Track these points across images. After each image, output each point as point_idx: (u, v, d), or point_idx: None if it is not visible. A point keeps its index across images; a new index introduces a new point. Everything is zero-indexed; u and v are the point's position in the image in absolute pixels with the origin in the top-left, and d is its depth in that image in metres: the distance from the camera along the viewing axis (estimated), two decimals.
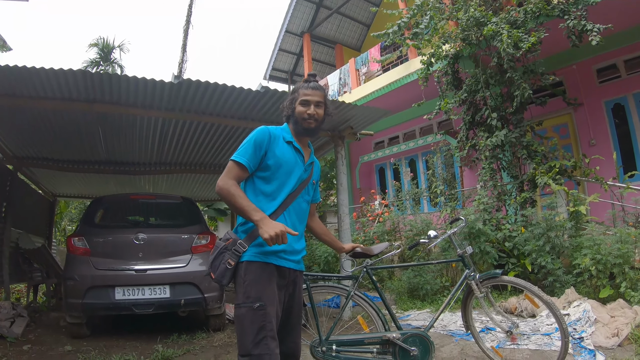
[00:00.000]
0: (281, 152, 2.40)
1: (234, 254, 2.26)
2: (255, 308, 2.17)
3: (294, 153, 2.47)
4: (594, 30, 6.42)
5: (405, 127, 13.34)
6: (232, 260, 2.25)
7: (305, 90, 2.49)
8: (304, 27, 16.12)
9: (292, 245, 2.39)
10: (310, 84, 2.53)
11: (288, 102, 2.54)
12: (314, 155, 2.66)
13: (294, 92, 2.55)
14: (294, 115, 2.50)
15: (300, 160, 2.49)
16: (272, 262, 2.30)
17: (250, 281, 2.23)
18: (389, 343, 3.29)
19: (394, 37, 8.61)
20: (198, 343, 5.37)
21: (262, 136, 2.38)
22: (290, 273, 2.43)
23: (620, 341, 4.20)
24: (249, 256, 2.28)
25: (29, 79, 4.63)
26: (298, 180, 2.45)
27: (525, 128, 7.59)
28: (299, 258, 2.50)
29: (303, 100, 2.46)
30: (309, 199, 2.62)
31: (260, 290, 2.22)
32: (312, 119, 2.46)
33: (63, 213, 16.79)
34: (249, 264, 2.27)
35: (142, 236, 5.63)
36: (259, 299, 2.19)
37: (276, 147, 2.40)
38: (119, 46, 24.94)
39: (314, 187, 2.66)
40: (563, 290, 5.65)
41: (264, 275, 2.26)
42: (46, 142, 7.09)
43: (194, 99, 5.32)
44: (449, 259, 4.43)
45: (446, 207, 8.73)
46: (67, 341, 5.48)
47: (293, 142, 2.48)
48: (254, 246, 2.29)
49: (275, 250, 2.30)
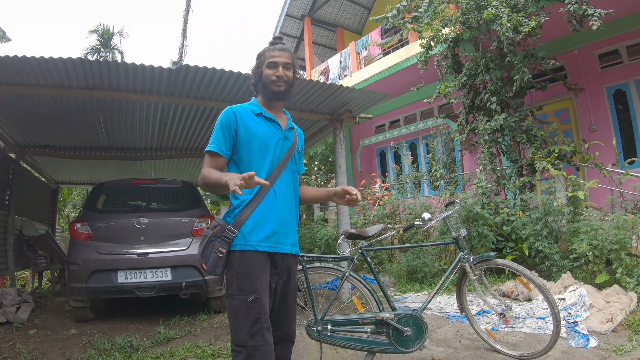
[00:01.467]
0: (252, 127, 2.31)
1: (223, 241, 2.17)
2: (250, 301, 2.11)
3: (267, 123, 2.36)
4: (594, 15, 6.38)
5: (406, 111, 13.34)
6: (223, 248, 2.17)
7: (272, 52, 2.37)
8: (305, 10, 16.02)
9: (284, 226, 2.31)
10: (277, 45, 2.41)
11: (255, 67, 2.43)
12: (292, 121, 2.54)
13: (260, 56, 2.41)
14: (261, 80, 2.38)
15: (277, 128, 2.38)
16: (265, 249, 2.21)
17: (244, 273, 2.16)
18: (383, 323, 3.35)
19: (393, 20, 8.57)
20: (199, 324, 5.47)
21: (227, 117, 2.30)
22: (284, 260, 2.33)
23: (614, 327, 4.22)
24: (240, 245, 2.19)
25: (29, 69, 4.66)
26: (279, 149, 2.35)
27: (525, 112, 7.58)
28: (294, 240, 2.40)
29: (270, 63, 2.34)
30: (296, 168, 2.49)
31: (254, 282, 2.15)
32: (281, 81, 2.34)
33: (66, 200, 16.87)
34: (241, 254, 2.18)
35: (144, 220, 5.72)
36: (253, 291, 2.13)
37: (245, 123, 2.30)
38: (118, 32, 25.00)
39: (299, 155, 2.54)
40: (560, 274, 5.69)
41: (258, 265, 2.19)
42: (48, 129, 7.14)
43: (193, 84, 5.34)
44: (444, 242, 4.47)
45: (446, 191, 8.77)
46: (71, 325, 5.58)
47: (263, 112, 2.37)
48: (244, 232, 2.20)
49: (267, 235, 2.22)
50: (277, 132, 2.37)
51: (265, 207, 2.24)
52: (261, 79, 2.37)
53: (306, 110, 6.62)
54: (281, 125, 2.40)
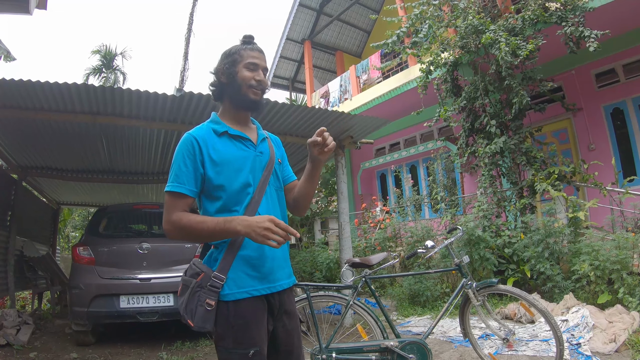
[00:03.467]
0: (219, 152, 1.88)
1: (211, 292, 1.77)
2: (251, 355, 1.76)
3: (234, 142, 1.93)
4: (591, 36, 6.48)
5: (406, 134, 13.40)
6: (212, 300, 1.76)
7: (250, 52, 1.95)
8: (305, 34, 16.20)
9: (279, 259, 1.94)
10: (255, 46, 2.00)
11: (223, 66, 1.96)
12: (262, 130, 2.10)
13: (233, 54, 1.96)
14: (235, 83, 1.93)
15: (248, 145, 1.96)
16: (262, 293, 1.85)
17: (241, 325, 1.78)
18: (387, 351, 3.36)
19: (393, 46, 8.69)
20: (202, 350, 5.45)
21: (188, 147, 1.85)
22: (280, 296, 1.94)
23: (618, 347, 4.23)
24: (233, 294, 1.80)
25: (33, 93, 4.73)
26: (256, 169, 1.93)
27: (525, 134, 7.64)
28: (290, 269, 2.03)
29: (250, 64, 1.93)
30: (279, 184, 2.06)
31: (253, 333, 1.80)
32: (259, 88, 1.94)
33: (66, 220, 16.90)
34: (235, 304, 1.79)
35: (146, 245, 5.74)
36: (253, 344, 1.78)
37: (210, 150, 1.87)
38: (121, 53, 25.28)
39: (280, 168, 2.10)
40: (562, 295, 5.69)
41: (256, 313, 1.83)
42: (50, 152, 7.19)
43: (196, 111, 5.41)
44: (447, 268, 4.49)
45: (447, 214, 8.79)
46: (72, 349, 5.57)
47: (228, 129, 1.93)
48: (234, 278, 1.81)
49: (263, 275, 1.86)
50: (249, 149, 1.95)
51: (250, 243, 1.83)
52: (234, 81, 1.93)
53: (308, 137, 6.66)
54: (252, 139, 1.98)
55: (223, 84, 1.98)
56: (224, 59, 1.97)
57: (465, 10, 8.03)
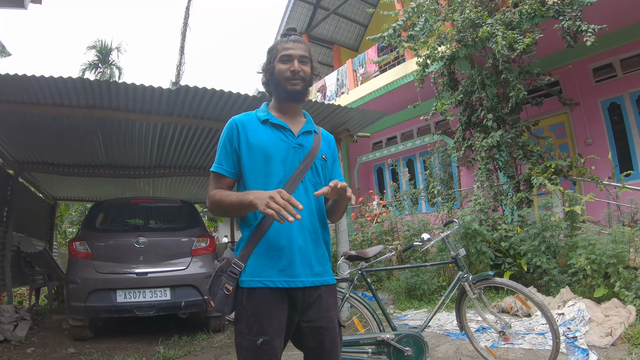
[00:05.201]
0: (254, 137, 1.94)
1: (230, 277, 1.85)
2: (259, 344, 1.79)
3: (274, 131, 1.97)
4: (588, 30, 6.47)
5: (403, 127, 13.41)
6: (230, 285, 1.84)
7: (285, 44, 2.01)
8: (302, 28, 16.13)
9: (302, 255, 1.89)
10: (291, 37, 2.04)
11: (265, 64, 2.07)
12: (313, 124, 2.12)
13: (271, 50, 2.04)
14: (274, 78, 2.01)
15: (287, 135, 1.98)
16: (278, 285, 1.84)
17: (253, 312, 1.83)
18: (383, 344, 3.37)
19: (390, 39, 8.66)
20: (199, 344, 5.46)
21: (229, 130, 1.98)
22: (306, 294, 1.90)
23: (614, 340, 4.25)
24: (248, 281, 1.85)
25: (30, 87, 4.71)
26: (290, 161, 1.94)
27: (522, 128, 7.64)
28: (320, 269, 1.95)
29: (284, 56, 1.98)
30: (319, 180, 2.02)
31: (264, 323, 1.82)
32: (297, 78, 1.97)
33: (63, 216, 16.89)
34: (249, 291, 1.84)
35: (143, 240, 5.73)
36: (263, 333, 1.80)
37: (248, 134, 1.95)
38: (116, 48, 25.24)
39: (324, 165, 2.06)
40: (558, 289, 5.71)
41: (269, 304, 1.84)
42: (46, 147, 7.17)
43: (192, 104, 5.39)
44: (443, 261, 4.50)
45: (444, 207, 8.80)
46: (70, 344, 5.56)
47: (270, 118, 1.99)
48: (251, 266, 1.86)
49: (280, 268, 1.86)
50: (288, 140, 1.97)
51: (275, 233, 1.86)
52: (273, 76, 2.01)
53: None
54: (293, 130, 2.00)
55: (268, 80, 2.06)
56: (266, 57, 2.06)
57: (463, 4, 8.01)
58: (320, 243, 1.99)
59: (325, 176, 2.06)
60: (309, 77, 2.03)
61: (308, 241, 1.92)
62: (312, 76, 2.07)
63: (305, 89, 2.03)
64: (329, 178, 2.09)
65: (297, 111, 2.10)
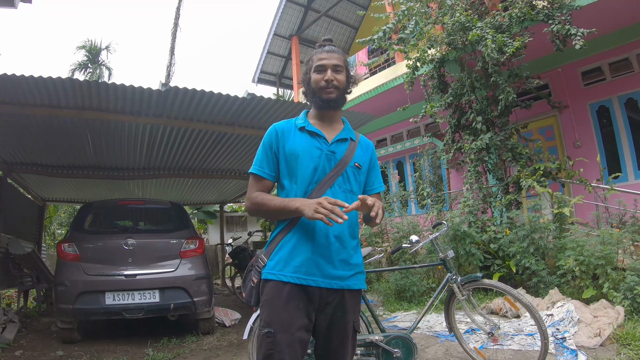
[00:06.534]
0: (291, 143, 2.06)
1: (256, 271, 2.04)
2: (264, 334, 1.90)
3: (309, 138, 2.07)
4: (577, 34, 6.52)
5: (392, 130, 13.42)
6: (255, 278, 2.03)
7: (319, 55, 2.11)
8: (293, 30, 16.14)
9: (323, 256, 1.98)
10: (325, 47, 2.14)
11: (302, 75, 2.18)
12: (350, 131, 2.19)
13: (307, 62, 2.17)
14: (310, 88, 2.12)
15: (321, 142, 2.07)
16: (290, 281, 1.94)
17: (265, 302, 1.96)
18: (372, 345, 3.37)
19: (379, 42, 8.68)
20: (188, 346, 5.44)
21: (269, 136, 2.10)
22: (323, 294, 1.98)
23: (603, 341, 4.27)
24: (265, 273, 1.99)
25: (19, 87, 4.68)
26: (321, 167, 2.04)
27: (511, 131, 7.68)
28: (341, 273, 2.01)
29: (318, 66, 2.08)
30: (356, 188, 2.12)
31: (271, 315, 1.92)
32: (331, 87, 2.06)
33: (52, 217, 16.72)
34: (265, 282, 1.99)
35: (132, 241, 5.70)
36: (268, 324, 1.90)
37: (287, 140, 2.07)
38: (106, 48, 25.16)
39: (357, 172, 2.13)
40: (547, 290, 5.74)
41: (281, 297, 1.93)
42: (35, 147, 7.10)
43: (182, 105, 5.37)
44: (432, 263, 4.52)
45: (433, 209, 8.83)
46: (58, 346, 5.52)
47: (306, 125, 2.09)
48: (271, 260, 2.00)
49: (297, 264, 1.95)
50: (321, 146, 2.06)
51: (299, 233, 1.98)
52: (309, 86, 2.12)
53: None
54: (327, 138, 2.09)
55: (306, 90, 2.17)
56: (303, 69, 2.18)
57: (453, 7, 8.04)
58: (347, 248, 2.05)
59: (359, 182, 2.16)
60: (344, 85, 2.12)
61: (331, 244, 1.99)
62: (348, 84, 2.16)
63: (341, 97, 2.12)
64: (364, 184, 2.21)
65: (334, 119, 2.19)
